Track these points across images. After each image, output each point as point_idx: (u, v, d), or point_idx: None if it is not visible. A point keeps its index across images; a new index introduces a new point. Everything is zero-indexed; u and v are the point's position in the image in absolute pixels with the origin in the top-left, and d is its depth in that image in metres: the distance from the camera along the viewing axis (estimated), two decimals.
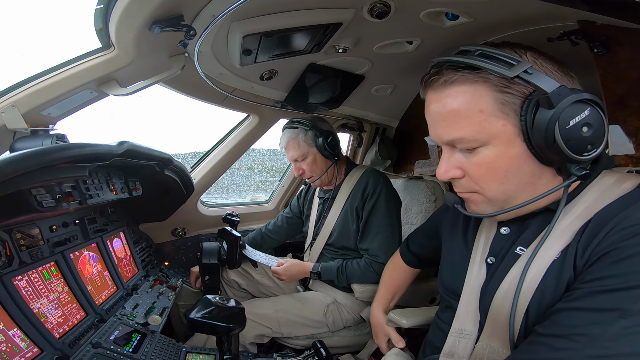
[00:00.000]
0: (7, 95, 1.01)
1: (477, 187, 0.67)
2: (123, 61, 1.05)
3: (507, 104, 0.59)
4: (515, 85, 0.59)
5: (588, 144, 0.57)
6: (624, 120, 1.07)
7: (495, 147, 0.62)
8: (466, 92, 0.61)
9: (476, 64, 0.59)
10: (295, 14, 1.04)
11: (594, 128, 0.57)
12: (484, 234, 0.80)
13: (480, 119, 0.61)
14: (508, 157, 0.62)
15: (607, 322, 0.51)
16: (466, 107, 0.61)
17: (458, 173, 0.67)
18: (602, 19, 0.97)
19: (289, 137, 1.61)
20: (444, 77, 0.63)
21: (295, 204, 1.95)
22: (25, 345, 0.82)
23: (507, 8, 1.01)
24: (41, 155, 0.79)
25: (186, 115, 2.41)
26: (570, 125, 0.56)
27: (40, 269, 0.97)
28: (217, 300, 0.88)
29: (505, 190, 0.65)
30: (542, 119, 0.57)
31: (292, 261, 1.59)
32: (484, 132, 0.61)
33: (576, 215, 0.63)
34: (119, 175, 1.34)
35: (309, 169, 1.60)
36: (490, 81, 0.59)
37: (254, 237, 1.95)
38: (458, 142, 0.64)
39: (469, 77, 0.61)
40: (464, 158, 0.66)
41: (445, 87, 0.63)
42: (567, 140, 0.56)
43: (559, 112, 0.55)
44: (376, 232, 1.47)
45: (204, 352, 1.15)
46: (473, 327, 0.75)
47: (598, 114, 0.57)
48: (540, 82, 0.56)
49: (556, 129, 0.56)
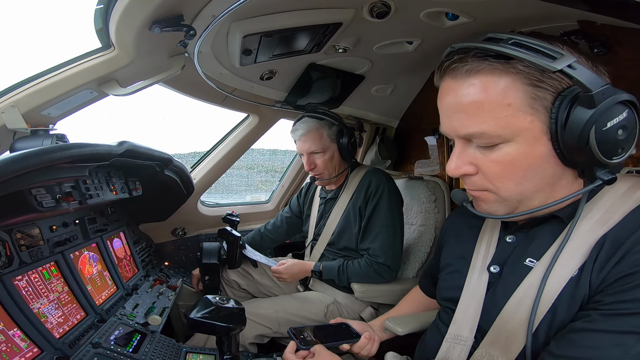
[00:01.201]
0: (7, 95, 1.01)
1: (491, 185, 0.62)
2: (123, 61, 1.05)
3: (538, 99, 0.55)
4: (549, 80, 0.54)
5: (620, 148, 0.54)
6: None
7: (518, 144, 0.57)
8: (494, 83, 0.55)
9: (511, 53, 0.53)
10: (295, 14, 1.03)
11: (629, 131, 0.53)
12: (485, 241, 0.77)
13: (506, 114, 0.55)
14: (531, 156, 0.57)
15: (629, 345, 0.49)
16: (492, 99, 0.56)
17: (471, 169, 0.62)
18: (602, 19, 0.97)
19: (310, 127, 1.50)
20: (469, 65, 0.57)
21: (295, 203, 1.94)
22: (25, 345, 0.82)
23: (507, 8, 1.01)
24: (41, 155, 0.79)
25: (186, 115, 2.41)
26: (607, 127, 0.52)
27: (40, 269, 0.97)
28: (217, 300, 0.88)
29: (522, 191, 0.61)
30: (579, 118, 0.52)
31: (293, 260, 1.59)
32: (509, 128, 0.56)
33: (591, 225, 0.59)
34: (119, 175, 1.34)
35: (323, 165, 1.53)
36: (523, 73, 0.54)
37: (253, 238, 1.94)
38: (478, 136, 0.59)
39: (497, 67, 0.55)
40: (479, 154, 0.61)
41: (469, 75, 0.57)
42: (601, 142, 0.52)
43: (600, 112, 0.51)
44: (377, 232, 1.47)
45: (204, 352, 1.15)
46: (469, 333, 0.72)
47: (634, 116, 0.53)
48: (585, 79, 0.51)
49: (592, 130, 0.52)
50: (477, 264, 0.75)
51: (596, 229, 0.59)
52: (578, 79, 0.51)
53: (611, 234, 0.57)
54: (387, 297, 1.52)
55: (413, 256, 1.72)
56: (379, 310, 1.57)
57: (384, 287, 1.50)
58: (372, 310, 1.54)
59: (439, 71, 0.63)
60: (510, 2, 0.98)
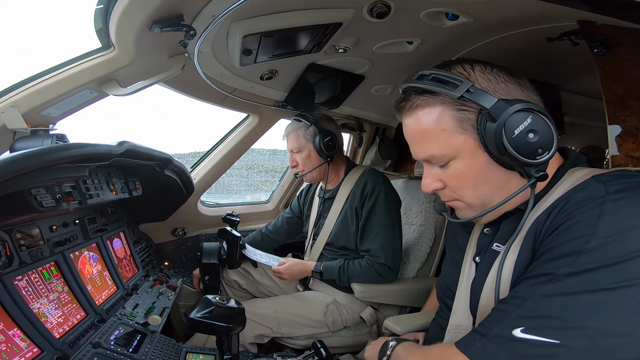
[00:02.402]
0: (7, 95, 1.01)
1: (456, 195, 0.74)
2: (123, 61, 1.05)
3: (464, 120, 0.66)
4: (468, 102, 0.64)
5: (538, 148, 0.62)
6: (624, 120, 1.07)
7: (462, 159, 0.69)
8: (428, 114, 0.68)
9: (430, 88, 0.66)
10: (295, 14, 1.03)
11: (540, 133, 0.62)
12: (475, 237, 0.86)
13: (444, 137, 0.68)
14: (475, 167, 0.69)
15: (537, 286, 0.58)
16: (430, 127, 0.68)
17: (439, 185, 0.75)
18: (602, 19, 0.97)
19: (291, 128, 1.69)
20: (410, 102, 0.70)
21: (296, 204, 1.96)
22: (25, 345, 0.82)
23: (507, 8, 1.01)
24: (41, 155, 0.79)
25: (186, 115, 2.42)
26: (515, 134, 0.61)
27: (40, 269, 0.97)
28: (217, 300, 0.88)
29: (479, 196, 0.71)
30: (490, 132, 0.63)
31: (294, 260, 1.59)
32: (450, 148, 0.68)
33: (543, 209, 0.68)
34: (119, 175, 1.34)
35: (302, 162, 1.68)
36: (447, 102, 0.66)
37: (254, 238, 1.95)
38: (431, 158, 0.72)
39: (429, 101, 0.68)
40: (440, 171, 0.73)
41: (412, 111, 0.70)
42: (517, 147, 0.61)
43: (502, 124, 0.61)
44: (376, 233, 1.47)
45: (204, 352, 1.15)
46: (468, 322, 0.80)
47: (541, 119, 0.62)
48: (480, 99, 0.62)
49: (504, 139, 0.61)
50: (468, 257, 0.85)
51: (546, 214, 0.67)
52: (475, 101, 0.63)
53: (552, 204, 0.66)
54: (387, 297, 1.52)
55: (413, 256, 1.72)
56: (378, 310, 1.57)
57: (384, 287, 1.50)
58: (372, 310, 1.54)
59: (395, 110, 0.75)
60: (510, 2, 0.98)
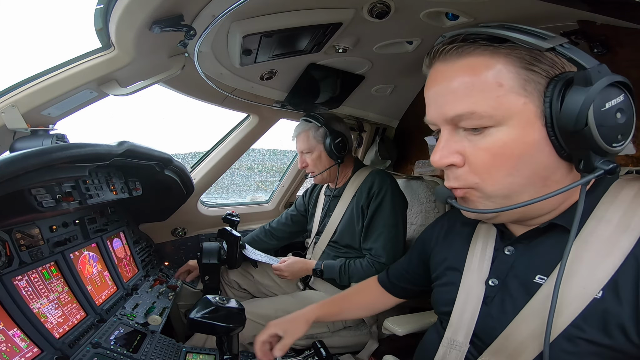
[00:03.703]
0: (7, 95, 1.01)
1: (477, 179, 0.57)
2: (123, 61, 1.05)
3: (531, 82, 0.52)
4: (542, 64, 0.52)
5: (619, 134, 0.50)
6: None
7: (510, 128, 0.53)
8: (485, 64, 0.53)
9: (502, 33, 0.52)
10: (295, 14, 1.03)
11: (627, 116, 0.50)
12: (479, 251, 0.72)
13: (498, 94, 0.52)
14: (524, 142, 0.53)
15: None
16: (483, 79, 0.53)
17: (458, 160, 0.57)
18: (602, 19, 0.97)
19: (301, 129, 1.68)
20: (460, 48, 0.55)
21: (301, 202, 1.97)
22: (25, 345, 0.82)
23: (507, 8, 1.01)
24: (41, 155, 0.79)
25: (186, 115, 2.42)
26: (606, 107, 0.48)
27: (40, 269, 0.97)
28: (217, 300, 0.88)
29: (511, 184, 0.55)
30: (575, 98, 0.48)
31: (295, 258, 1.59)
32: (501, 109, 0.52)
33: (611, 231, 0.54)
34: (119, 175, 1.34)
35: (312, 163, 1.67)
36: (514, 55, 0.52)
37: (257, 235, 1.96)
38: (467, 117, 0.54)
39: (489, 49, 0.53)
40: (467, 142, 0.56)
41: (460, 57, 0.55)
42: (600, 125, 0.48)
43: (597, 90, 0.47)
44: (380, 232, 1.48)
45: (204, 352, 1.15)
46: (464, 339, 0.70)
47: (630, 102, 0.50)
48: (579, 56, 0.49)
49: (590, 110, 0.47)
50: (471, 276, 0.71)
51: (619, 236, 0.53)
52: (572, 56, 0.49)
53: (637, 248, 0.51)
54: None
55: None
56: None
57: None
58: None
59: (428, 57, 0.59)
60: (510, 2, 0.98)
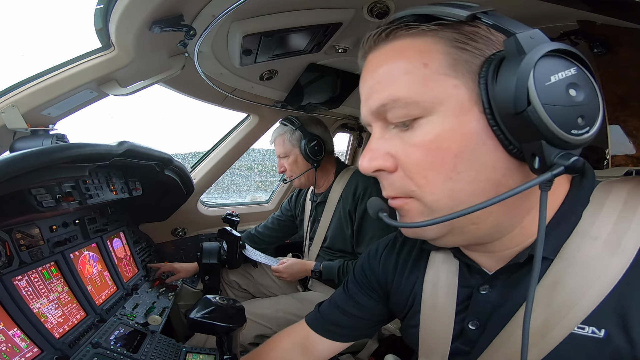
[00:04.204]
0: (7, 95, 1.01)
1: (413, 185, 0.46)
2: (123, 61, 1.05)
3: (463, 62, 0.43)
4: (476, 42, 0.43)
5: (579, 116, 0.37)
6: (624, 120, 1.07)
7: (442, 117, 0.43)
8: (410, 44, 0.45)
9: (424, 10, 0.45)
10: (295, 14, 1.03)
11: (586, 93, 0.38)
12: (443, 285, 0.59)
13: (422, 74, 0.43)
14: (460, 134, 0.42)
15: None
16: (407, 61, 0.44)
17: (388, 163, 0.47)
18: (602, 19, 0.97)
19: (278, 133, 1.66)
20: (386, 31, 0.47)
21: (287, 207, 1.93)
22: (25, 345, 0.82)
23: (507, 8, 1.01)
24: (41, 155, 0.78)
25: (186, 115, 2.42)
26: (551, 81, 0.37)
27: (40, 269, 0.97)
28: (217, 300, 0.88)
29: (452, 190, 0.44)
30: (509, 70, 0.38)
31: (294, 260, 1.59)
32: (428, 94, 0.43)
33: (599, 249, 0.44)
34: (119, 175, 1.34)
35: (289, 167, 1.65)
36: (443, 33, 0.44)
37: (244, 239, 1.94)
38: (391, 106, 0.45)
39: (416, 29, 0.45)
40: (398, 140, 0.46)
41: (387, 42, 0.47)
42: (548, 103, 0.36)
43: (534, 59, 0.37)
44: (372, 235, 1.46)
45: (204, 352, 1.15)
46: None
47: (588, 77, 0.39)
48: (507, 24, 0.40)
49: (530, 83, 0.37)
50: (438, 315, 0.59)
51: (609, 257, 0.43)
52: (496, 22, 0.40)
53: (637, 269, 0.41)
54: None
55: None
56: None
57: None
58: None
59: (361, 50, 0.50)
60: (510, 2, 0.98)
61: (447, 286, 0.59)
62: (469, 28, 0.43)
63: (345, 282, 0.79)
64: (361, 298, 0.75)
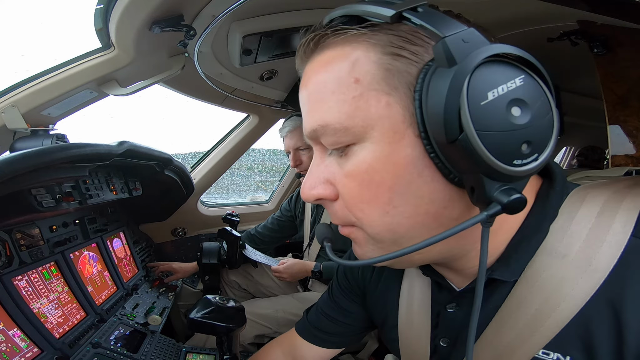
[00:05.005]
0: (7, 95, 1.01)
1: (352, 217, 0.41)
2: (123, 61, 1.05)
3: (396, 72, 0.35)
4: (413, 45, 0.35)
5: (523, 142, 0.31)
6: (624, 120, 1.07)
7: (374, 144, 0.37)
8: (341, 54, 0.38)
9: (350, 11, 0.38)
10: (295, 14, 1.04)
11: (534, 111, 0.31)
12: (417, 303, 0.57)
13: (353, 94, 0.36)
14: (393, 163, 0.36)
15: None
16: (336, 75, 0.37)
17: (327, 192, 0.42)
18: (602, 19, 0.97)
19: (297, 124, 1.56)
20: (316, 38, 0.41)
21: (287, 208, 1.93)
22: (25, 345, 0.82)
23: (507, 8, 1.01)
24: (41, 155, 0.79)
25: (186, 115, 2.42)
26: (488, 99, 0.30)
27: (40, 269, 0.97)
28: (217, 300, 0.88)
29: (391, 225, 0.39)
30: (438, 88, 0.31)
31: (294, 260, 1.59)
32: (358, 116, 0.36)
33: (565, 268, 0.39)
34: (119, 175, 1.34)
35: (309, 161, 1.57)
36: (377, 37, 0.36)
37: (244, 240, 1.94)
38: (321, 133, 0.39)
39: (346, 34, 0.38)
40: (336, 167, 0.41)
41: (315, 55, 0.41)
42: (483, 129, 0.30)
43: (466, 71, 0.29)
44: None
45: (204, 352, 1.15)
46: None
47: (539, 90, 0.31)
48: (438, 23, 0.31)
49: (463, 104, 0.30)
50: (414, 332, 0.57)
51: (576, 278, 0.38)
52: (422, 22, 0.32)
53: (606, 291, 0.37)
54: None
55: None
56: None
57: None
58: None
59: (297, 61, 0.44)
60: (510, 2, 0.98)
61: (421, 303, 0.56)
62: (406, 27, 0.36)
63: (330, 287, 0.77)
64: (344, 302, 0.72)
